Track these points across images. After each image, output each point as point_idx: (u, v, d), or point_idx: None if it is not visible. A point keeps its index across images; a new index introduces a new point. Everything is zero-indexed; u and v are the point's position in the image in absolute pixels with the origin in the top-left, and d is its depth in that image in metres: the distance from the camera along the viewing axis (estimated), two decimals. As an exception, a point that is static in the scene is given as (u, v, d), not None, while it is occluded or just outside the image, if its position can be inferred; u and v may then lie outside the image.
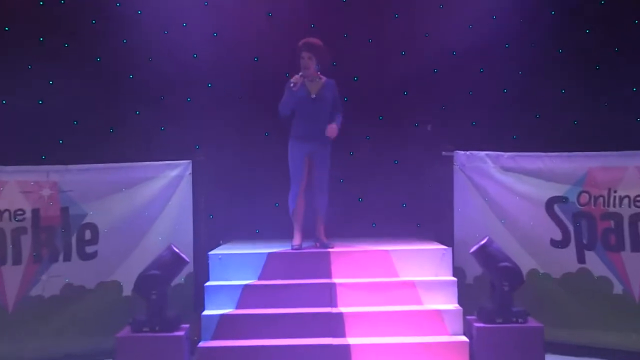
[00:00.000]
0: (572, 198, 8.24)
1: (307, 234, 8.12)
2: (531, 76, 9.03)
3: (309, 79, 7.91)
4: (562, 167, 8.26)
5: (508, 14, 8.96)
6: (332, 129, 7.81)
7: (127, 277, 8.13)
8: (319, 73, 7.94)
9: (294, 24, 8.96)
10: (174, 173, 8.45)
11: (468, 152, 8.57)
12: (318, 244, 8.10)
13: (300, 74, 7.75)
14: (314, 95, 7.89)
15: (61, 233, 8.21)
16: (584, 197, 8.19)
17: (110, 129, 8.94)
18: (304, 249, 7.93)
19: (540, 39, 9.03)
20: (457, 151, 8.55)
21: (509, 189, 8.45)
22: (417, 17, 9.15)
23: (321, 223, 8.08)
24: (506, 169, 8.48)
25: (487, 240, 7.80)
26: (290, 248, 7.98)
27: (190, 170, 8.43)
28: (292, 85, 7.68)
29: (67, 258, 8.25)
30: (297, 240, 8.05)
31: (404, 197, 9.22)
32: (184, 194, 8.41)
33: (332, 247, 8.03)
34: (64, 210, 8.21)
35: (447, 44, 9.08)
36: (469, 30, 8.98)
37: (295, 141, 7.98)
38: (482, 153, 8.53)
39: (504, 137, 8.88)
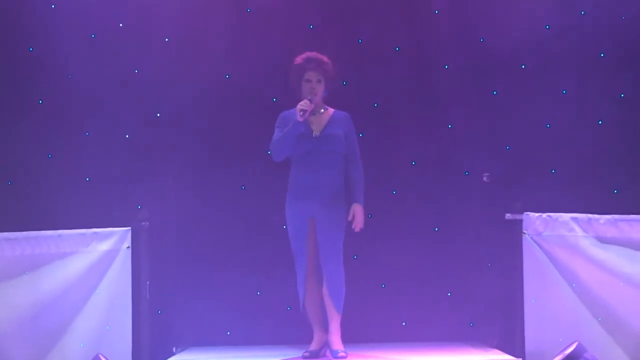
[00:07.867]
0: None
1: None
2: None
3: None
4: (698, 237, 7.48)
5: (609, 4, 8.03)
6: (360, 214, 7.09)
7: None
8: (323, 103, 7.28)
9: (283, 24, 8.13)
10: (104, 246, 7.52)
11: (545, 215, 7.53)
12: (327, 351, 7.28)
13: (309, 98, 7.07)
14: (318, 134, 7.15)
15: None
16: None
17: (8, 181, 8.08)
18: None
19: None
20: (528, 213, 7.51)
21: (609, 270, 7.45)
22: (469, 14, 8.21)
23: (335, 317, 7.17)
24: (604, 240, 7.52)
25: (577, 347, 6.98)
26: (301, 356, 7.16)
27: (128, 242, 7.51)
28: (300, 113, 6.94)
29: None
30: (315, 344, 7.22)
31: (448, 282, 8.22)
32: (119, 278, 7.51)
33: (345, 357, 7.10)
34: None
35: (512, 52, 8.12)
36: (545, 32, 8.05)
37: (292, 200, 7.21)
38: (567, 216, 7.51)
39: (599, 190, 8.00)
